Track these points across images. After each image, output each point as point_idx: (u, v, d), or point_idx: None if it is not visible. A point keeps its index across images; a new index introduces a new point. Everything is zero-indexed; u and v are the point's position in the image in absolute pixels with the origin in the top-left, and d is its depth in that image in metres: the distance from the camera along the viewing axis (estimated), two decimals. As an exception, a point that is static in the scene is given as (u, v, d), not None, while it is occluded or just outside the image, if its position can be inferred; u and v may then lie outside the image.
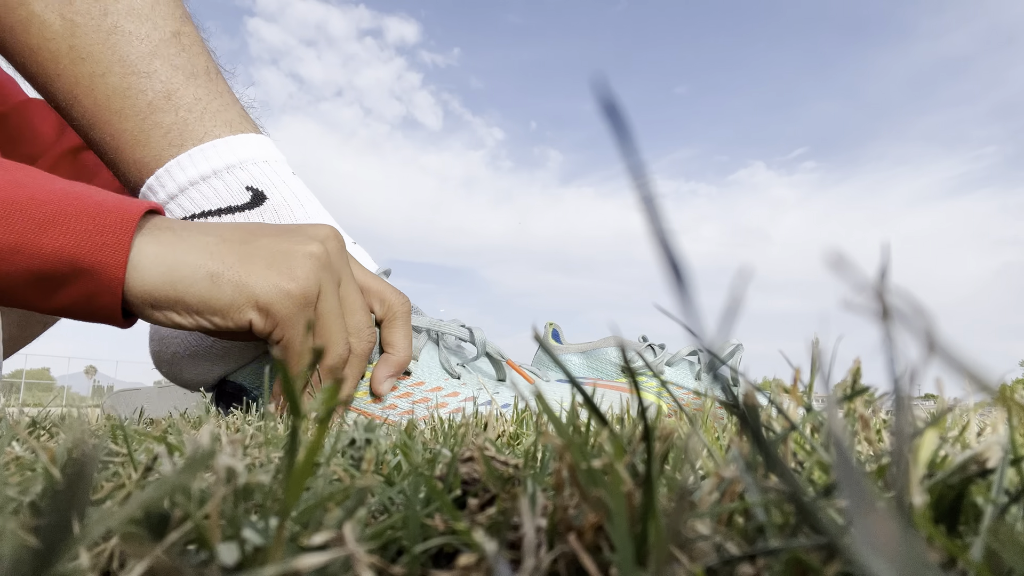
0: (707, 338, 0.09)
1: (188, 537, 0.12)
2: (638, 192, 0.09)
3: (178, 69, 0.51)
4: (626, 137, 0.09)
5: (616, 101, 0.09)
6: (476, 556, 0.12)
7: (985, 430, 0.24)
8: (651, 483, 0.10)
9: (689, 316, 0.09)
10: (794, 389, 0.20)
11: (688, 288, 0.09)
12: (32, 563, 0.07)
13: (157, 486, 0.09)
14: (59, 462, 0.17)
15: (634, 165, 0.09)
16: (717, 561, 0.11)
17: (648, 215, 0.09)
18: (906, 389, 0.10)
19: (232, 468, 0.12)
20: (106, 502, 0.16)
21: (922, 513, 0.11)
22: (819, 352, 0.20)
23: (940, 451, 0.15)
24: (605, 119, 0.09)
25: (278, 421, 0.38)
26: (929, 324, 0.08)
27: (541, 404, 0.14)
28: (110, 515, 0.08)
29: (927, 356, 0.08)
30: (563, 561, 0.12)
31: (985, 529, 0.12)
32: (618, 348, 0.61)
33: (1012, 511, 0.13)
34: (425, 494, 0.15)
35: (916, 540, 0.07)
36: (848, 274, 0.08)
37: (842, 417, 0.19)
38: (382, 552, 0.14)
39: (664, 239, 0.09)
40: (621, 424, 0.29)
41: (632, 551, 0.10)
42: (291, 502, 0.11)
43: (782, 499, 0.12)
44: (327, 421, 0.11)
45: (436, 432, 0.32)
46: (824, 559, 0.10)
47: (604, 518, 0.11)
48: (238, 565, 0.11)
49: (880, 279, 0.09)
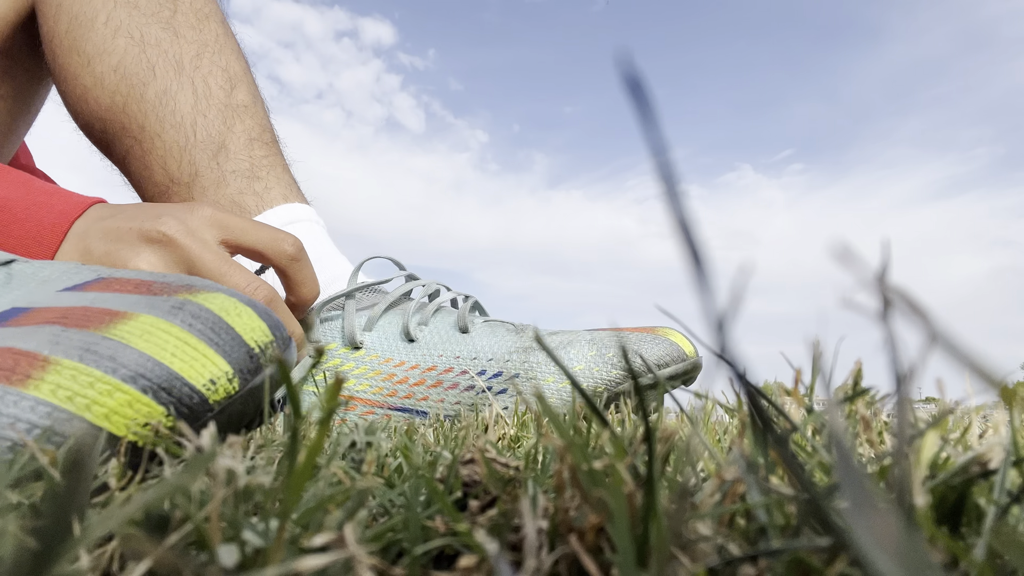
0: (725, 330, 0.09)
1: (188, 539, 0.12)
2: (659, 172, 0.09)
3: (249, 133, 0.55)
4: (650, 116, 0.09)
5: (641, 78, 0.09)
6: (477, 558, 0.12)
7: (987, 431, 0.24)
8: (652, 484, 0.10)
9: (708, 304, 0.09)
10: (795, 391, 0.20)
11: (708, 276, 0.09)
12: (32, 564, 0.07)
13: (157, 488, 0.09)
14: (59, 463, 0.17)
15: (656, 144, 0.09)
16: (719, 562, 0.11)
17: (669, 197, 0.09)
18: (907, 389, 0.10)
19: (232, 470, 0.12)
20: (106, 503, 0.16)
21: (924, 514, 0.11)
22: (820, 353, 0.20)
23: (942, 452, 0.15)
24: (629, 97, 0.09)
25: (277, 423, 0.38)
26: (931, 320, 0.08)
27: (542, 405, 0.14)
28: (110, 516, 0.08)
29: (929, 352, 0.08)
30: (564, 562, 0.12)
31: (987, 530, 0.12)
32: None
33: (1014, 512, 0.13)
34: (426, 496, 0.15)
35: (919, 541, 0.07)
36: (854, 267, 0.08)
37: (843, 418, 0.19)
38: (383, 554, 0.14)
39: (685, 224, 0.09)
40: (622, 425, 0.29)
41: (633, 552, 0.10)
42: (291, 504, 0.11)
43: (784, 500, 0.12)
44: (327, 423, 0.11)
45: (437, 434, 0.32)
46: (826, 560, 0.10)
47: (605, 519, 0.11)
48: (238, 567, 0.11)
49: (882, 275, 0.09)
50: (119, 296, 0.22)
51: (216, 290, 0.23)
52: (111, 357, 0.19)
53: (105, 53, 0.54)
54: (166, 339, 0.20)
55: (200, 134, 0.53)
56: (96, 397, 0.19)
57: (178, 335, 0.20)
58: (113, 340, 0.20)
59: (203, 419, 0.21)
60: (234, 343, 0.21)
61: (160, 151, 0.53)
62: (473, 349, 0.50)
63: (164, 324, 0.20)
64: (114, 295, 0.22)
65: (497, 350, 0.50)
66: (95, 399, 0.19)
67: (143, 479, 0.19)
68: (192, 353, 0.20)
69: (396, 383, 0.50)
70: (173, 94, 0.53)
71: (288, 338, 0.24)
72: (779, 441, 0.11)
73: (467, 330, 0.51)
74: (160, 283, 0.23)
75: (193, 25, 0.56)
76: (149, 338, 0.20)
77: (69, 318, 0.21)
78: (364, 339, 0.51)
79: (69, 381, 0.19)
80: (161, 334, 0.20)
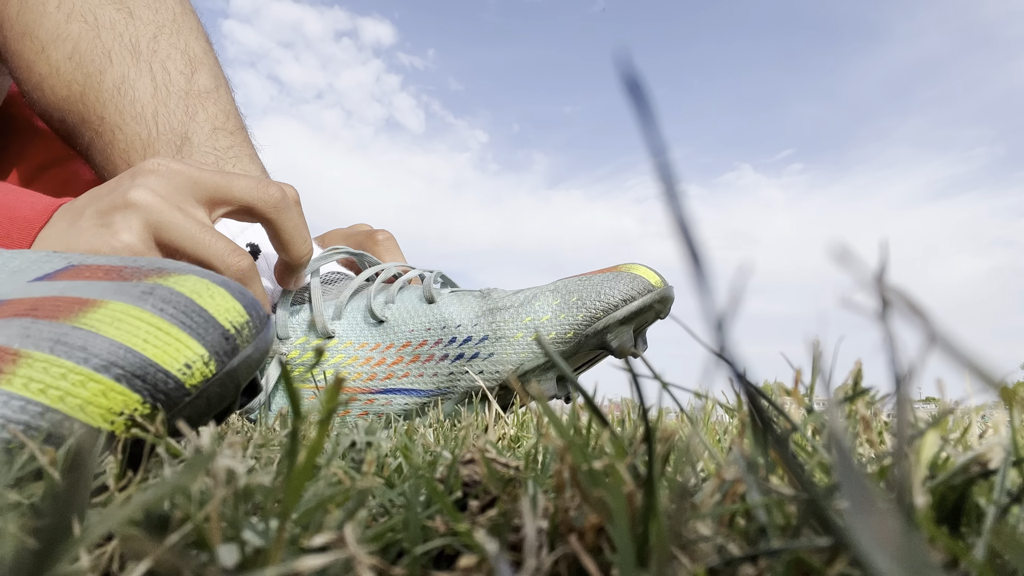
0: (725, 328, 0.09)
1: (188, 539, 0.12)
2: (658, 173, 0.09)
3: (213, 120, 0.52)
4: (649, 116, 0.09)
5: (640, 78, 0.09)
6: (477, 557, 0.12)
7: (987, 431, 0.24)
8: (652, 484, 0.10)
9: (708, 304, 0.09)
10: (795, 391, 0.20)
11: (708, 276, 0.09)
12: (32, 564, 0.07)
13: (157, 488, 0.09)
14: (59, 463, 0.17)
15: (656, 144, 0.09)
16: (719, 562, 0.11)
17: (668, 197, 0.09)
18: (907, 389, 0.10)
19: (232, 469, 0.12)
20: (106, 503, 0.16)
21: (924, 514, 0.11)
22: (820, 353, 0.20)
23: (942, 452, 0.15)
24: (628, 97, 0.09)
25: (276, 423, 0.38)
26: (930, 320, 0.08)
27: (542, 405, 0.14)
28: (110, 516, 0.08)
29: (929, 352, 0.08)
30: (564, 562, 0.12)
31: (987, 530, 0.12)
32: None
33: (1014, 512, 0.13)
34: (426, 496, 0.15)
35: (919, 541, 0.07)
36: (853, 267, 0.08)
37: (843, 418, 0.19)
38: (383, 554, 0.14)
39: (685, 224, 0.09)
40: (622, 425, 0.29)
41: (633, 552, 0.10)
42: (291, 504, 0.11)
43: (784, 500, 0.12)
44: (327, 423, 0.11)
45: (437, 434, 0.32)
46: (826, 560, 0.10)
47: (605, 519, 0.11)
48: (238, 567, 0.11)
49: (881, 275, 0.09)
50: (89, 284, 0.22)
51: (188, 272, 0.22)
52: (82, 347, 0.19)
53: (59, 39, 0.51)
54: (137, 325, 0.20)
55: (162, 126, 0.51)
56: (69, 388, 0.19)
57: (149, 320, 0.20)
58: (83, 330, 0.20)
59: (181, 404, 0.20)
60: (208, 325, 0.21)
61: (122, 144, 0.51)
62: (441, 318, 0.50)
63: (135, 310, 0.20)
64: (84, 283, 0.22)
65: (464, 316, 0.50)
66: (68, 390, 0.19)
67: (143, 479, 0.18)
68: (165, 338, 0.20)
69: (374, 366, 0.50)
70: (132, 82, 0.51)
71: (266, 316, 0.23)
72: (779, 441, 0.11)
73: (433, 300, 0.51)
74: (131, 268, 0.23)
75: (148, 4, 0.53)
76: (120, 325, 0.20)
77: (39, 309, 0.20)
78: (335, 328, 0.50)
79: (41, 374, 0.19)
80: (132, 320, 0.20)
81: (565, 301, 0.49)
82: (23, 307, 0.21)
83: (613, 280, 0.50)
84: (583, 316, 0.49)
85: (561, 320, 0.49)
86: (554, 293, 0.50)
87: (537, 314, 0.49)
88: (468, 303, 0.51)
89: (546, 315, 0.49)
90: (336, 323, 0.51)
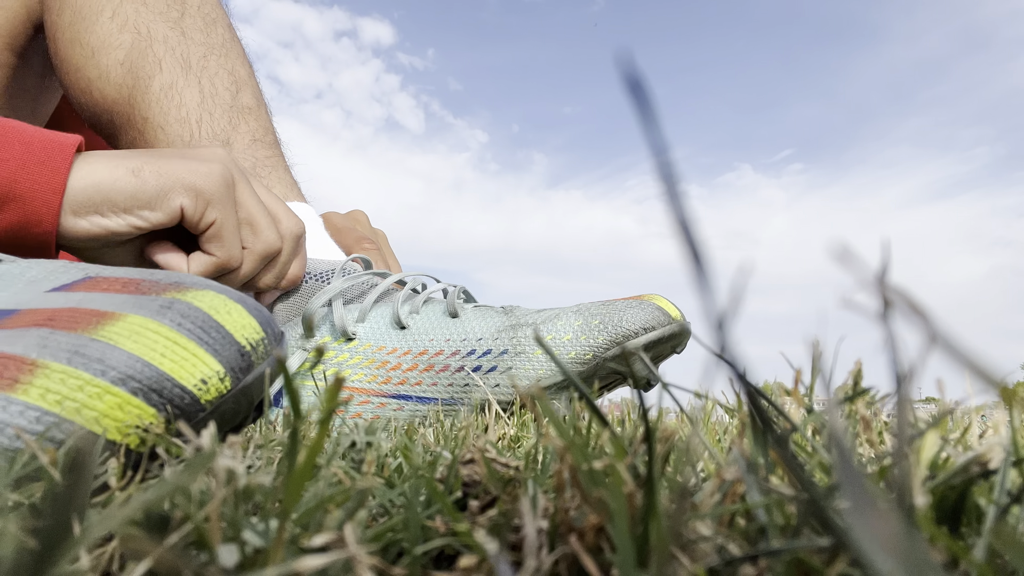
0: (725, 326, 0.09)
1: (188, 539, 0.12)
2: (659, 172, 0.09)
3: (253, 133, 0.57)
4: (650, 116, 0.09)
5: (641, 77, 0.09)
6: (477, 557, 0.12)
7: (987, 431, 0.24)
8: (652, 484, 0.10)
9: (708, 304, 0.09)
10: (795, 391, 0.20)
11: (708, 276, 0.09)
12: (32, 564, 0.07)
13: (157, 487, 0.09)
14: (59, 463, 0.17)
15: (656, 144, 0.09)
16: (719, 562, 0.11)
17: (669, 197, 0.09)
18: (907, 389, 0.10)
19: (232, 470, 0.12)
20: (106, 503, 0.16)
21: (924, 514, 0.11)
22: (820, 353, 0.20)
23: (942, 452, 0.15)
24: (629, 97, 0.09)
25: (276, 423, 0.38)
26: (930, 320, 0.08)
27: (542, 405, 0.14)
28: (110, 516, 0.08)
29: (929, 352, 0.08)
30: (564, 562, 0.12)
31: (987, 530, 0.12)
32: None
33: (1014, 512, 0.13)
34: (426, 496, 0.15)
35: (919, 541, 0.07)
36: (854, 267, 0.08)
37: (843, 418, 0.19)
38: (383, 554, 0.14)
39: (685, 224, 0.09)
40: (622, 425, 0.29)
41: (633, 552, 0.10)
42: (291, 504, 0.11)
43: (784, 500, 0.12)
44: (327, 423, 0.11)
45: (437, 434, 0.32)
46: (826, 560, 0.10)
47: (605, 519, 0.11)
48: (238, 567, 0.11)
49: (882, 274, 0.09)
50: (107, 296, 0.22)
51: (206, 287, 0.22)
52: (100, 359, 0.19)
53: (110, 47, 0.54)
54: (155, 339, 0.20)
55: (205, 131, 0.54)
56: (86, 400, 0.19)
57: (167, 335, 0.20)
58: (101, 342, 0.20)
59: (195, 419, 0.20)
60: (225, 341, 0.21)
61: (164, 144, 0.53)
62: (463, 331, 0.51)
63: (153, 324, 0.20)
64: (102, 295, 0.22)
65: (486, 330, 0.51)
66: (85, 402, 0.19)
67: (143, 479, 0.18)
68: (182, 353, 0.20)
69: (389, 370, 0.51)
70: (180, 89, 0.54)
71: (280, 333, 0.24)
72: (779, 441, 0.11)
73: (456, 315, 0.52)
74: (148, 281, 0.23)
75: (201, 28, 0.57)
76: (138, 339, 0.20)
77: (57, 320, 0.21)
78: (357, 330, 0.52)
79: (58, 385, 0.19)
80: (150, 334, 0.20)
81: (587, 323, 0.50)
82: (40, 317, 0.21)
83: (636, 308, 0.51)
84: (603, 339, 0.50)
85: (582, 341, 0.50)
86: (577, 314, 0.51)
87: (559, 333, 0.50)
88: (490, 318, 0.52)
89: (567, 335, 0.50)
90: (359, 325, 0.52)
